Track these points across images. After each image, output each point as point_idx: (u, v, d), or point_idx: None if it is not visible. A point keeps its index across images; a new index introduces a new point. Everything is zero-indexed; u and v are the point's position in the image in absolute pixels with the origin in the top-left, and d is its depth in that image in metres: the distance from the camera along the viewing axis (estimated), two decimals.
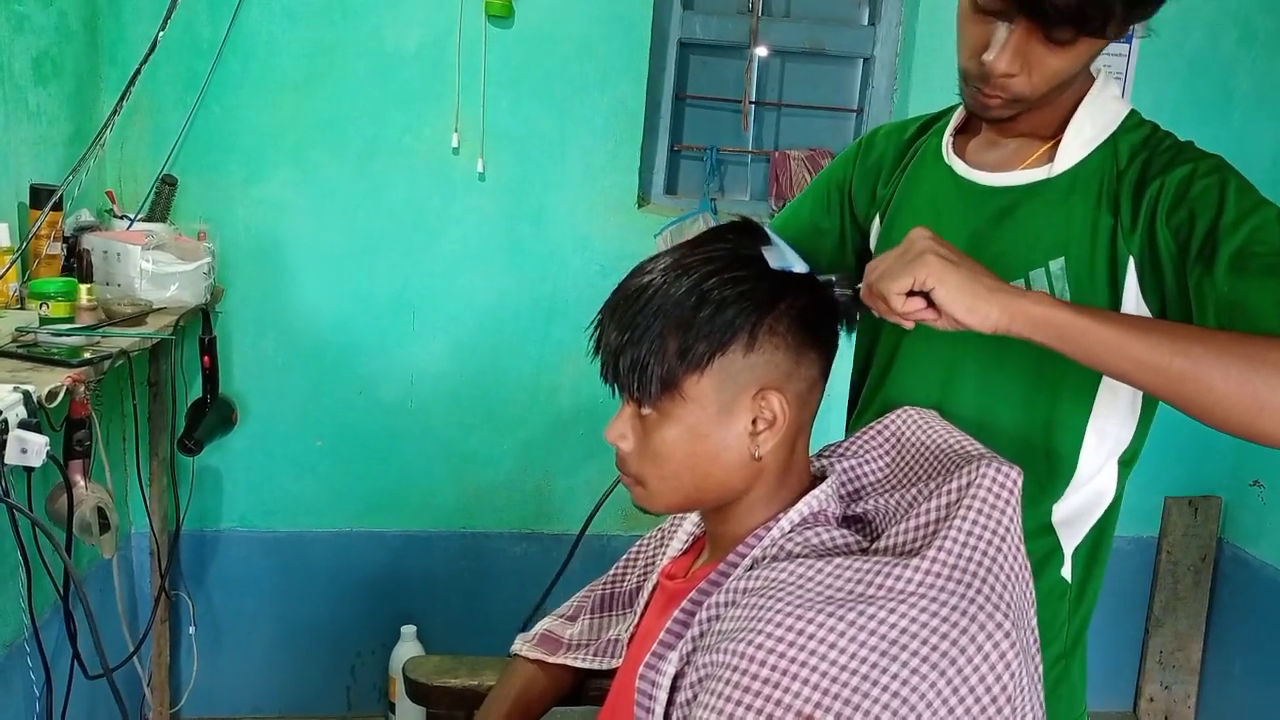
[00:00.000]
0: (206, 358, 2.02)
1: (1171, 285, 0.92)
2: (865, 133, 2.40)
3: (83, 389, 1.38)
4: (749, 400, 0.82)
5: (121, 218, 2.02)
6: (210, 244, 2.06)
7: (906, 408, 0.97)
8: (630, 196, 2.31)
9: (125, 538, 2.22)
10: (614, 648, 1.03)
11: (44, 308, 1.62)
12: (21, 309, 1.68)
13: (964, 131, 1.08)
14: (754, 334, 0.81)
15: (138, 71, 1.80)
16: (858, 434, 0.97)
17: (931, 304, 0.84)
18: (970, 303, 0.83)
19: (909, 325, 0.88)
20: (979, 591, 0.73)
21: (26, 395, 1.18)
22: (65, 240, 1.85)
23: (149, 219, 2.05)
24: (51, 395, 1.31)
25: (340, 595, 2.40)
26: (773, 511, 0.86)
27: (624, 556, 1.14)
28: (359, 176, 2.21)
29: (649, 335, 0.82)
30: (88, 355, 1.46)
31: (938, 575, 0.74)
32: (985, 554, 0.76)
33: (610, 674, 1.01)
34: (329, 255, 2.24)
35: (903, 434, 0.95)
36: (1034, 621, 0.79)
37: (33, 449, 1.12)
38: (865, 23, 2.45)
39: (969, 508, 0.78)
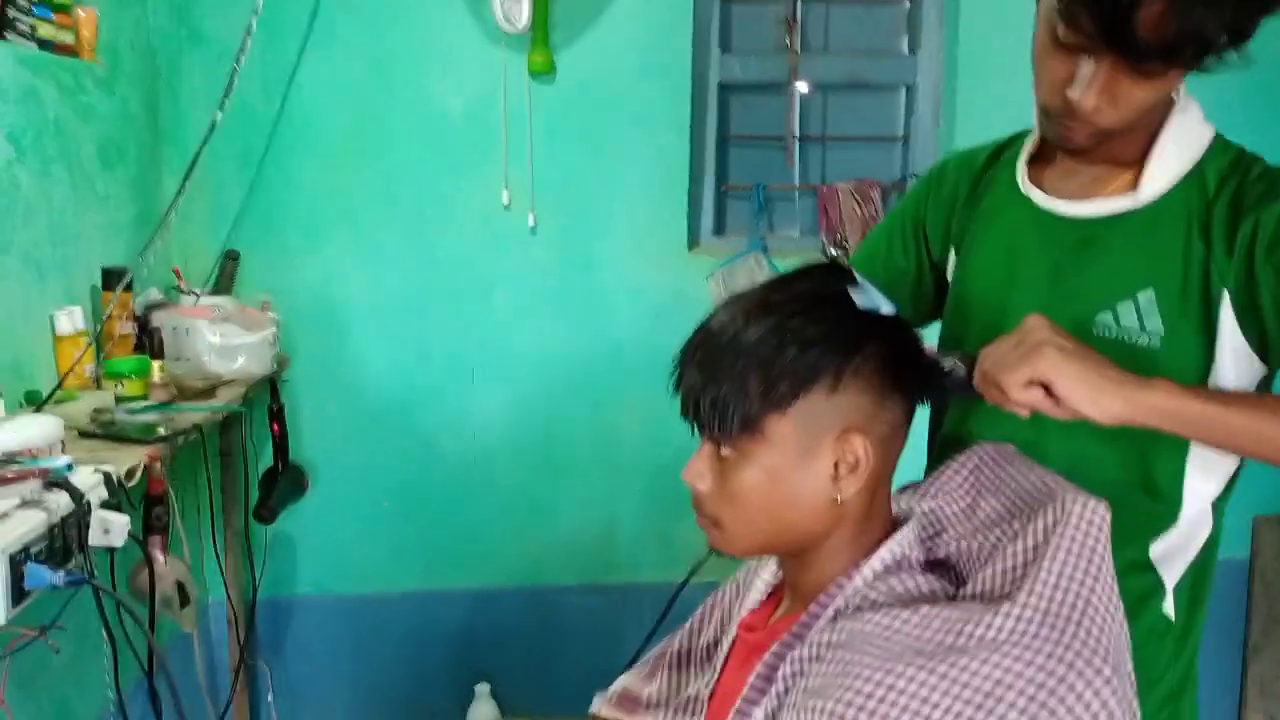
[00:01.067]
0: (276, 425, 2.06)
1: (1274, 324, 0.90)
2: (933, 163, 2.34)
3: (159, 465, 1.41)
4: (831, 442, 0.80)
5: (189, 294, 2.07)
6: (274, 314, 2.11)
7: (983, 443, 0.94)
8: (680, 240, 2.31)
9: (203, 608, 2.25)
10: (694, 705, 1.01)
11: (119, 386, 1.67)
12: (98, 389, 1.73)
13: (1039, 159, 1.05)
14: (839, 375, 0.80)
15: (199, 152, 1.86)
16: (936, 473, 0.95)
17: (1049, 393, 0.84)
18: (1093, 395, 0.82)
19: (1025, 414, 0.87)
20: (1074, 636, 0.70)
21: (107, 476, 1.20)
22: (136, 319, 1.91)
23: (215, 293, 2.10)
24: (130, 474, 1.34)
25: (414, 656, 2.40)
26: (854, 558, 0.83)
27: (700, 608, 1.12)
28: (413, 238, 2.25)
29: (731, 373, 0.81)
30: (162, 431, 1.50)
31: (1029, 621, 0.71)
32: (1079, 595, 0.73)
33: None
34: (387, 317, 2.27)
35: (981, 471, 0.92)
36: (1130, 665, 0.76)
37: (115, 529, 1.15)
38: (905, 51, 2.44)
39: (1059, 548, 0.75)
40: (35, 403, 1.54)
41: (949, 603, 0.77)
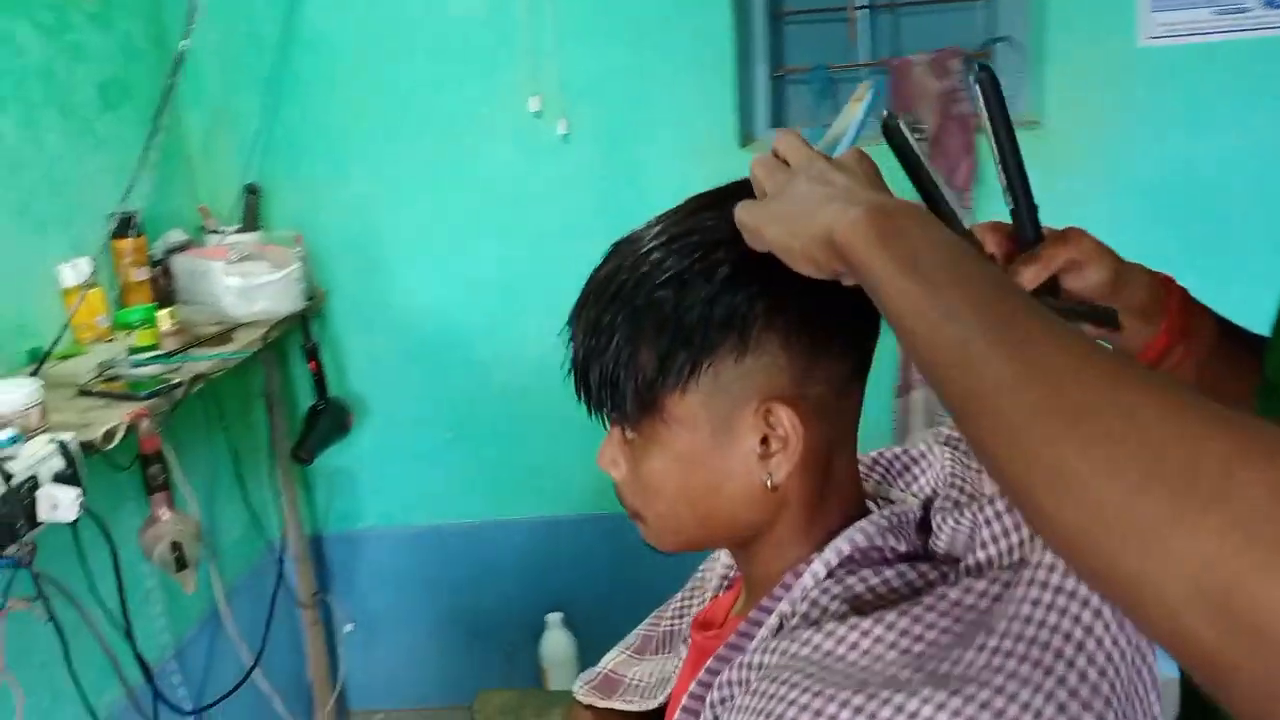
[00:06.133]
0: (312, 364, 1.99)
1: None
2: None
3: (145, 424, 1.34)
4: (751, 416, 0.62)
5: (215, 232, 2.00)
6: (303, 249, 2.02)
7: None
8: (730, 135, 2.08)
9: (274, 545, 2.25)
10: (663, 686, 0.87)
11: (130, 337, 1.62)
12: (114, 341, 1.68)
13: None
14: (745, 334, 0.62)
15: (171, 86, 1.74)
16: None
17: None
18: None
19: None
20: (1066, 675, 0.52)
21: (63, 446, 1.14)
22: (157, 264, 1.85)
23: (242, 230, 2.03)
24: (108, 437, 1.27)
25: (485, 586, 2.36)
26: (807, 551, 0.66)
27: (690, 582, 0.97)
28: (440, 157, 2.10)
29: (618, 340, 0.64)
30: (157, 387, 1.43)
31: (1009, 653, 0.53)
32: (1077, 619, 0.54)
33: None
34: (423, 242, 2.15)
35: None
36: (1156, 711, 0.56)
37: (63, 505, 1.08)
38: None
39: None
40: (36, 360, 1.50)
41: (913, 605, 0.58)
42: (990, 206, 2.07)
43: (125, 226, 1.73)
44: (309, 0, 2.02)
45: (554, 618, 2.29)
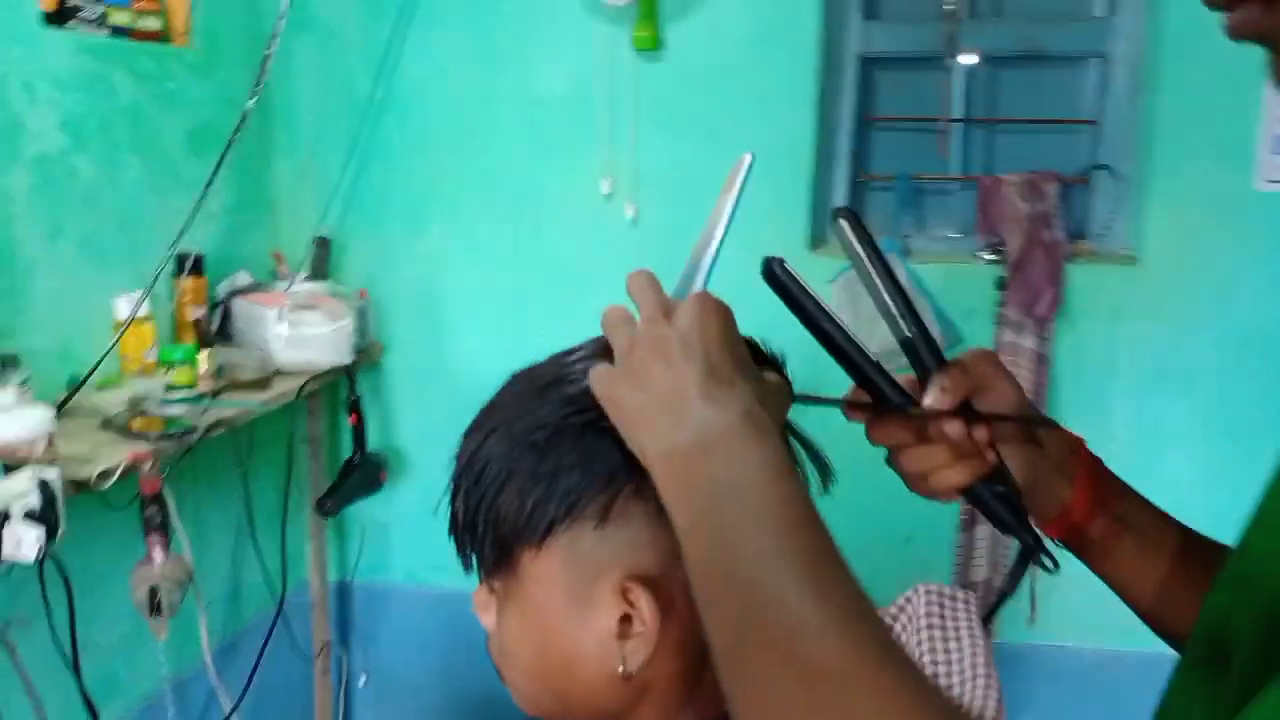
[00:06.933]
0: (353, 417, 2.01)
1: None
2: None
3: (148, 465, 1.36)
4: (610, 592, 0.56)
5: (284, 279, 2.06)
6: (366, 302, 2.06)
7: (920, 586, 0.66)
8: (801, 237, 2.02)
9: (301, 587, 2.27)
10: None
11: (169, 375, 1.66)
12: (156, 377, 1.73)
13: None
14: (611, 498, 0.56)
15: (231, 142, 1.78)
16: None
17: None
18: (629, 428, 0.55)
19: None
20: None
21: (43, 484, 1.16)
22: (218, 304, 1.91)
23: (311, 279, 2.08)
24: (104, 476, 1.30)
25: None
26: None
27: None
28: (511, 229, 2.12)
29: (486, 480, 0.59)
30: (170, 429, 1.46)
31: None
32: None
33: None
34: (486, 309, 2.17)
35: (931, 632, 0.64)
36: None
37: (26, 543, 1.09)
38: (1098, 14, 1.99)
39: None
40: (72, 388, 1.55)
41: None
42: (1073, 339, 1.94)
43: (184, 265, 1.80)
44: (404, 69, 2.08)
45: None
